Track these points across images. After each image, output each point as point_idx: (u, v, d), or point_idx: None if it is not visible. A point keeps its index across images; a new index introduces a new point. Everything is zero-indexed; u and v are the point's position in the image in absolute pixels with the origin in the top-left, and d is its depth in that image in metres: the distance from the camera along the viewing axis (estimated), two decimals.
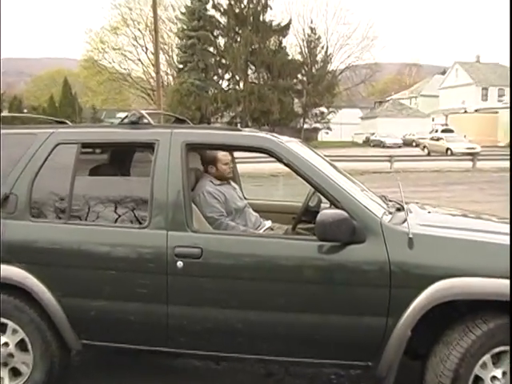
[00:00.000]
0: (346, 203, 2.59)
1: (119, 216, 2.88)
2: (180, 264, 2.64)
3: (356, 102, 52.50)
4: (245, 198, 3.82)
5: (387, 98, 61.39)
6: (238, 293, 2.64)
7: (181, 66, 40.51)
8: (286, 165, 2.74)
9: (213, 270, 2.65)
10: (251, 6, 40.24)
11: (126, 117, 3.03)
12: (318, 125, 45.84)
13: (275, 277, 2.61)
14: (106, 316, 2.75)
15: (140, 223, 2.82)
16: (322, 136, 48.39)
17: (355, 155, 22.13)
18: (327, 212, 2.53)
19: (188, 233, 2.69)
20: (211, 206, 3.24)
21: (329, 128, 46.00)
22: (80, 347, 2.85)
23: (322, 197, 2.89)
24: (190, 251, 2.65)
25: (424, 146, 30.77)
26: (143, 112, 3.03)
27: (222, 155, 3.53)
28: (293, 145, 2.91)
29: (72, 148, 2.89)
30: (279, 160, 2.76)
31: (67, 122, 3.32)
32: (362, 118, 56.52)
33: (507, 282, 2.35)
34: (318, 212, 2.83)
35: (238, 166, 4.23)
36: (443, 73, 61.37)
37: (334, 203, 2.63)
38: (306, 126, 44.67)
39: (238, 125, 39.17)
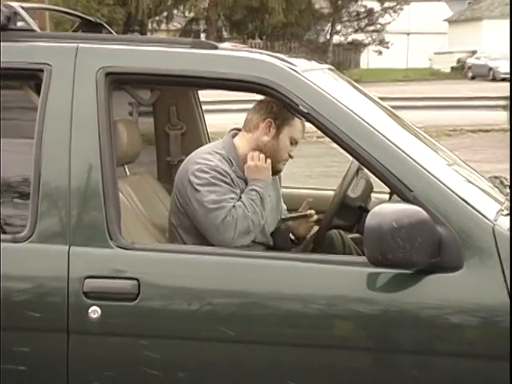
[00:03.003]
0: (424, 192, 2.62)
1: None
2: (95, 312, 2.67)
3: None
4: None
5: None
6: (209, 369, 2.69)
7: None
8: (306, 116, 2.77)
9: (160, 325, 2.69)
10: None
11: None
12: (360, 36, 46.00)
13: (285, 337, 2.65)
14: None
15: (8, 232, 2.88)
16: (368, 59, 48.61)
17: (437, 97, 22.24)
18: (387, 209, 2.55)
19: (111, 249, 2.73)
20: (214, 190, 3.22)
21: (383, 43, 46.14)
22: None
23: (373, 178, 2.93)
24: (114, 286, 2.68)
25: None
26: (16, 6, 3.02)
27: (300, 129, 3.49)
28: (318, 76, 2.94)
29: None
30: (291, 106, 2.80)
31: None
32: (450, 22, 56.87)
33: None
34: (366, 209, 2.83)
35: (208, 118, 4.30)
36: None
37: (401, 192, 2.66)
38: (336, 38, 44.82)
39: (203, 36, 39.16)
